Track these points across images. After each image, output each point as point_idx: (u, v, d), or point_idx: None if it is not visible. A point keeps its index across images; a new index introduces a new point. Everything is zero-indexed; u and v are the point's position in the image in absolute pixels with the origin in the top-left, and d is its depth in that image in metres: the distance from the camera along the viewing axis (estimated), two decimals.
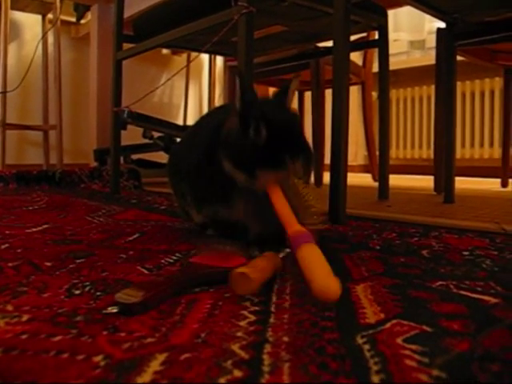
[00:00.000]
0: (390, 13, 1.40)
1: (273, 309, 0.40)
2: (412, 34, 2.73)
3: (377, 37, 1.39)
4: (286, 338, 0.34)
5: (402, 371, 0.29)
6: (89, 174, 1.79)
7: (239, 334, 0.34)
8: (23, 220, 0.91)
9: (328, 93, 2.00)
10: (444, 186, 1.30)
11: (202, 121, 0.83)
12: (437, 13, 1.21)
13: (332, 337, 0.34)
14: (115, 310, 0.36)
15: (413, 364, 0.30)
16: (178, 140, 1.97)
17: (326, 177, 1.81)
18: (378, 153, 1.97)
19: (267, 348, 0.32)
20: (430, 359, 0.31)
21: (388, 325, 0.37)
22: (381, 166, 1.39)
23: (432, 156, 2.74)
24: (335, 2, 0.88)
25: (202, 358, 0.30)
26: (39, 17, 2.66)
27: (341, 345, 0.33)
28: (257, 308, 0.41)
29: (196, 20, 1.12)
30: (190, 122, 3.28)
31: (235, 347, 0.32)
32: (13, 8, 2.43)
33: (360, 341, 0.34)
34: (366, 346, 0.33)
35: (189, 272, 0.48)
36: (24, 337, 0.33)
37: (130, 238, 0.72)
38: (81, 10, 2.61)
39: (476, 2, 1.12)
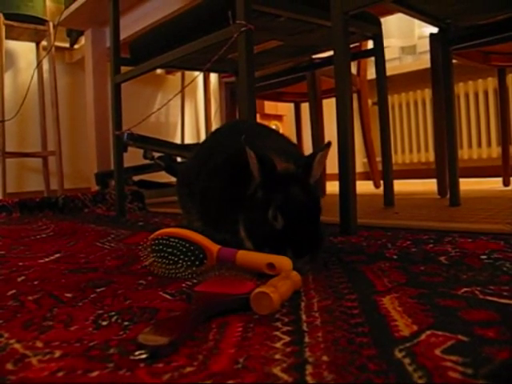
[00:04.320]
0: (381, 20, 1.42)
1: (305, 328, 0.40)
2: (403, 39, 2.77)
3: (369, 46, 1.41)
4: (325, 358, 0.33)
5: None
6: (92, 198, 1.79)
7: (277, 356, 0.34)
8: (34, 250, 0.91)
9: (325, 103, 2.02)
10: (449, 190, 1.30)
11: (212, 142, 0.84)
12: (430, 19, 1.22)
13: (371, 353, 0.34)
14: (144, 356, 0.35)
15: (457, 376, 0.30)
16: (179, 160, 1.97)
17: (329, 186, 1.82)
18: (378, 159, 1.98)
19: (309, 369, 0.32)
20: (473, 370, 0.31)
21: (423, 336, 0.37)
22: (384, 173, 1.39)
23: (431, 159, 2.78)
24: (333, 16, 0.89)
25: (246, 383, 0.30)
26: (33, 44, 2.68)
27: (381, 360, 0.33)
28: (289, 328, 0.40)
29: (193, 40, 1.13)
30: (188, 140, 3.29)
31: (277, 370, 0.31)
32: (7, 37, 2.45)
33: (399, 355, 0.33)
34: (407, 360, 0.32)
35: (204, 303, 0.45)
36: (60, 374, 0.33)
37: (146, 263, 0.72)
38: (74, 36, 2.64)
39: (468, 7, 1.14)
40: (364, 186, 2.30)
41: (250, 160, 0.62)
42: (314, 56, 1.79)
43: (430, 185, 1.94)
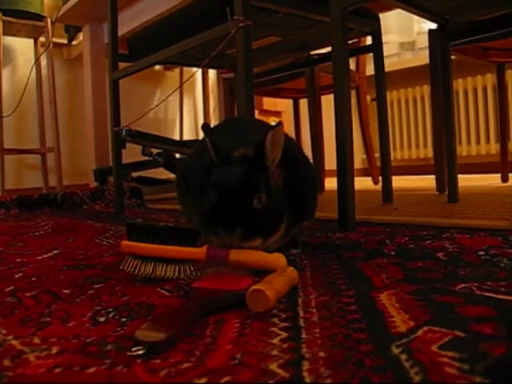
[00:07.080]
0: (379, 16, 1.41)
1: (302, 324, 0.40)
2: (401, 35, 2.76)
3: (368, 42, 1.40)
4: (322, 354, 0.33)
5: (444, 380, 0.29)
6: (90, 194, 1.79)
7: (274, 352, 0.34)
8: (32, 246, 0.91)
9: (323, 99, 2.02)
10: (448, 186, 1.30)
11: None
12: (429, 15, 1.22)
13: (368, 349, 0.34)
14: (141, 352, 0.34)
15: (453, 372, 0.30)
16: (178, 156, 1.97)
17: (328, 183, 1.82)
18: (376, 156, 1.98)
19: (305, 365, 0.32)
20: (469, 366, 0.31)
21: (420, 332, 0.37)
22: (383, 169, 1.39)
23: (429, 155, 2.77)
24: (331, 11, 0.89)
25: (243, 380, 0.30)
26: (31, 41, 2.67)
27: (378, 356, 0.33)
28: (286, 324, 0.40)
29: (191, 36, 1.13)
30: (187, 136, 3.28)
31: (273, 366, 0.31)
32: (5, 33, 2.44)
33: (396, 351, 0.34)
34: (403, 356, 0.33)
35: (201, 299, 0.45)
36: (58, 370, 0.33)
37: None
38: (72, 32, 2.63)
39: (467, 3, 1.13)
40: (363, 182, 2.30)
41: (208, 147, 0.61)
42: (312, 52, 1.79)
43: (428, 181, 1.94)
